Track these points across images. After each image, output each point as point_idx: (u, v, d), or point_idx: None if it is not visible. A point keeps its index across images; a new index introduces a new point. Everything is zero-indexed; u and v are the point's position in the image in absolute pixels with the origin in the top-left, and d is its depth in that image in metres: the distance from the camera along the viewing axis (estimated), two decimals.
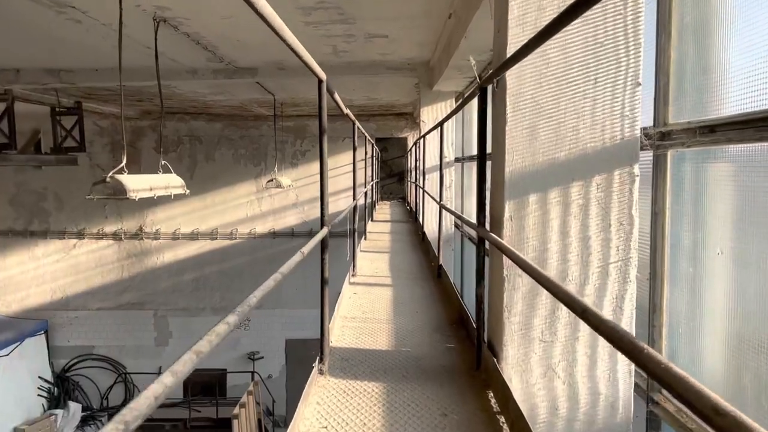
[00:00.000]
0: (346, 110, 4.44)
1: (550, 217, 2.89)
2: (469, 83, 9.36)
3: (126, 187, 5.79)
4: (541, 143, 2.88)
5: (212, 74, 10.06)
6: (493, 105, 3.16)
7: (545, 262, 2.90)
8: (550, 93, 2.86)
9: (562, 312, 2.89)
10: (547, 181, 2.89)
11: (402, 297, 4.91)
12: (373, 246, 7.70)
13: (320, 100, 2.99)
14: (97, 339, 16.16)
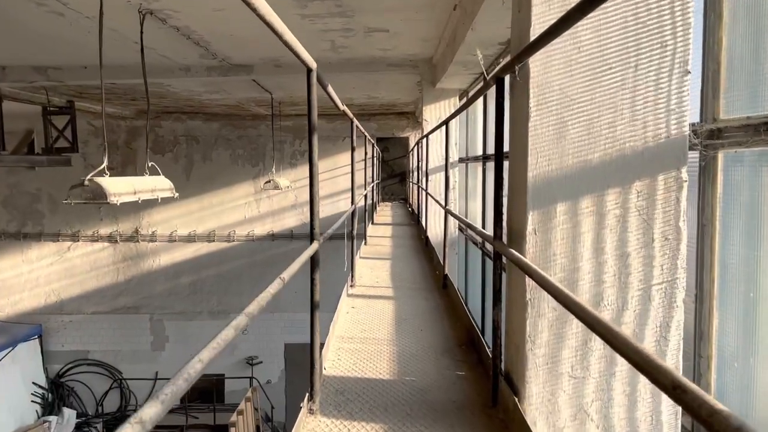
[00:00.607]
0: (343, 106, 3.98)
1: (581, 231, 2.42)
2: (474, 80, 8.89)
3: (106, 191, 5.32)
4: (571, 142, 2.41)
5: (206, 71, 9.59)
6: (512, 98, 2.69)
7: (576, 284, 2.43)
8: (582, 82, 2.39)
9: (596, 343, 2.42)
10: (577, 188, 2.42)
11: (405, 312, 4.44)
12: (373, 252, 7.23)
13: (309, 94, 2.52)
14: (92, 344, 15.71)
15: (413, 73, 9.72)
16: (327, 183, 15.76)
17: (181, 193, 15.51)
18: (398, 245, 7.79)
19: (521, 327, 2.51)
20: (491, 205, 8.26)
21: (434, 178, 9.42)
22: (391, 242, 8.10)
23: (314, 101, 2.53)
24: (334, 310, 4.89)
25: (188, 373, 1.08)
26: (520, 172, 2.53)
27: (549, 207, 2.42)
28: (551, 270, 2.43)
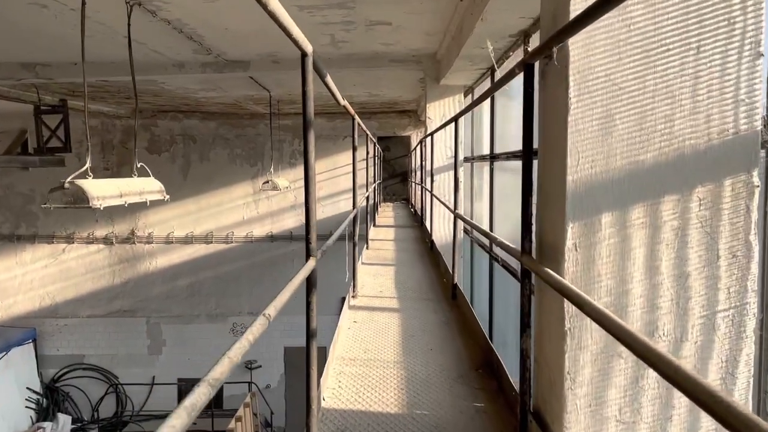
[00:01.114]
0: (343, 101, 3.56)
1: (631, 246, 2.00)
2: (481, 76, 8.46)
3: (88, 194, 4.91)
4: (619, 140, 1.99)
5: (201, 68, 9.16)
6: (545, 87, 2.27)
7: (624, 311, 2.01)
8: (633, 68, 1.97)
9: (650, 381, 2.01)
10: (627, 195, 2.00)
11: (412, 327, 4.02)
12: (376, 257, 6.81)
13: (304, 83, 2.10)
14: (88, 348, 15.30)
15: (416, 69, 9.30)
16: (327, 183, 15.35)
17: (178, 194, 15.19)
18: (402, 249, 7.37)
19: (558, 361, 2.09)
20: (501, 208, 7.87)
21: (439, 179, 9.00)
22: (395, 246, 7.68)
23: (310, 92, 2.11)
24: (335, 312, 4.49)
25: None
26: (556, 175, 2.11)
27: (593, 218, 2.00)
28: (595, 293, 2.01)
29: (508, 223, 7.51)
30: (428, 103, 9.43)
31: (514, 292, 6.89)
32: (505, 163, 7.47)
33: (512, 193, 7.05)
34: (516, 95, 7.39)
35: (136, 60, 9.01)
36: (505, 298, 7.63)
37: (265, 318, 1.43)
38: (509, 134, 7.55)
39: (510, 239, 6.53)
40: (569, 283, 1.89)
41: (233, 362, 1.22)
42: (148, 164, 15.12)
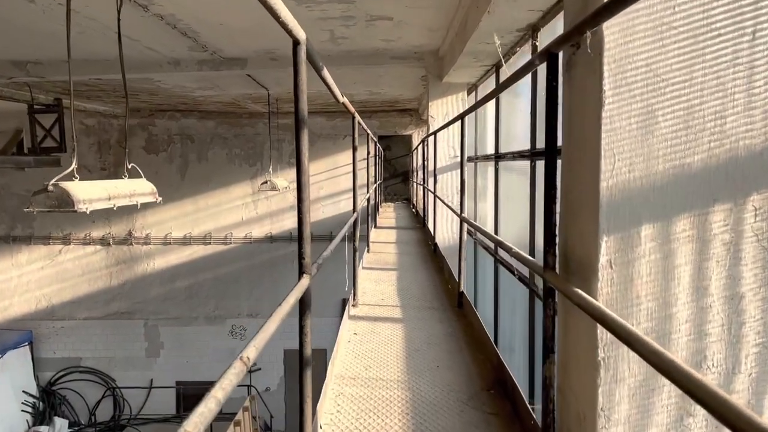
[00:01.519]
0: (342, 98, 3.28)
1: (675, 264, 1.72)
2: (485, 73, 8.17)
3: (73, 198, 4.62)
4: (662, 140, 1.71)
5: (197, 65, 8.88)
6: (570, 79, 1.99)
7: (668, 338, 1.73)
8: (678, 56, 1.69)
9: (697, 419, 1.72)
10: (671, 203, 1.72)
11: (417, 339, 3.74)
12: (377, 261, 6.53)
13: (296, 75, 1.82)
14: (85, 350, 15.02)
15: (418, 66, 9.01)
16: (327, 183, 15.08)
17: (176, 194, 14.91)
18: (404, 252, 7.09)
19: (589, 394, 1.81)
20: (507, 210, 7.58)
21: (442, 179, 8.72)
22: (396, 249, 7.40)
23: (303, 85, 1.83)
24: (336, 314, 4.21)
25: None
26: (587, 180, 1.83)
27: (630, 230, 1.72)
28: (633, 318, 1.73)
29: (513, 225, 7.23)
30: (430, 102, 9.14)
31: (520, 297, 6.61)
32: (510, 164, 7.18)
33: (518, 194, 6.77)
34: (522, 92, 7.10)
35: (130, 57, 8.74)
36: (511, 302, 7.35)
37: (242, 363, 1.15)
38: (515, 133, 7.27)
39: (516, 242, 6.21)
40: (603, 305, 1.61)
41: (204, 420, 0.95)
42: (145, 164, 14.87)
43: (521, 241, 6.73)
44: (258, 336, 1.28)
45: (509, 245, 2.60)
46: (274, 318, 1.53)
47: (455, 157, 8.96)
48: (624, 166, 1.71)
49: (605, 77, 1.70)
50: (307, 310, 1.86)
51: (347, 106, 3.56)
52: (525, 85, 6.69)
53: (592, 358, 1.77)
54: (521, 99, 7.22)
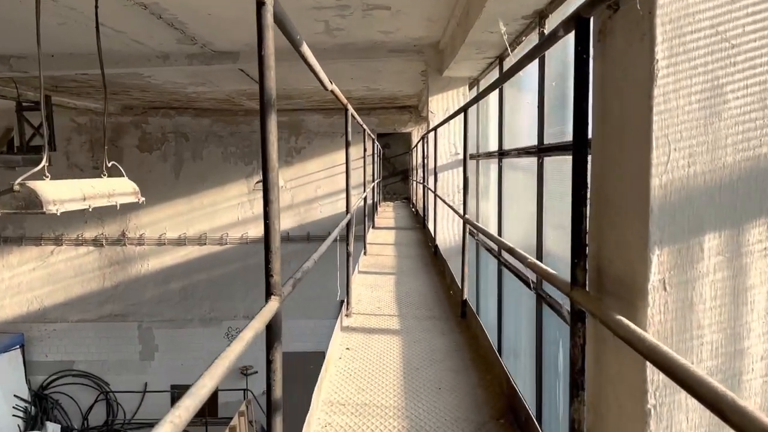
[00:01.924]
0: (331, 86, 2.89)
1: (748, 284, 1.33)
2: (487, 66, 7.77)
3: (42, 198, 4.23)
4: (732, 124, 1.31)
5: (186, 59, 8.48)
6: (606, 50, 1.59)
7: (737, 380, 1.34)
8: (752, 14, 1.29)
9: None
10: (743, 205, 1.32)
11: (416, 356, 3.35)
12: (374, 264, 6.14)
13: (260, 42, 1.42)
14: (77, 353, 14.64)
15: (418, 60, 8.62)
16: (325, 182, 14.67)
17: (171, 194, 14.50)
18: (403, 255, 6.70)
19: None
20: (512, 209, 7.18)
21: (443, 178, 8.32)
22: (395, 251, 7.00)
23: (269, 58, 1.43)
24: (333, 316, 3.84)
25: None
26: (631, 177, 1.43)
27: (690, 241, 1.32)
28: (693, 354, 1.34)
29: (519, 225, 6.84)
30: (430, 97, 8.74)
31: (526, 301, 6.23)
32: (514, 161, 6.79)
33: (524, 193, 6.38)
34: (526, 86, 6.71)
35: (116, 51, 8.35)
36: (516, 305, 6.97)
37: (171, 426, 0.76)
38: (519, 129, 6.88)
39: (523, 245, 5.84)
40: (654, 337, 1.22)
41: None
42: (138, 163, 14.52)
43: (528, 244, 6.33)
44: (225, 353, 0.88)
45: (524, 254, 2.20)
46: (230, 351, 1.13)
47: (456, 154, 8.57)
48: (682, 158, 1.32)
49: (658, 43, 1.31)
50: (277, 341, 1.47)
51: (337, 96, 3.16)
52: (530, 78, 6.30)
53: (639, 405, 1.38)
54: (525, 93, 6.84)
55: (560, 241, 5.07)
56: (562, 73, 5.00)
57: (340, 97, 3.22)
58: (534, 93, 5.79)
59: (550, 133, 5.21)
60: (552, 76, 5.14)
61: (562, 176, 5.00)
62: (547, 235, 5.26)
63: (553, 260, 5.09)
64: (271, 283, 1.47)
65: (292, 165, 14.77)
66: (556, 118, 5.11)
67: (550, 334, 5.14)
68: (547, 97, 5.22)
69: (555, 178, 5.07)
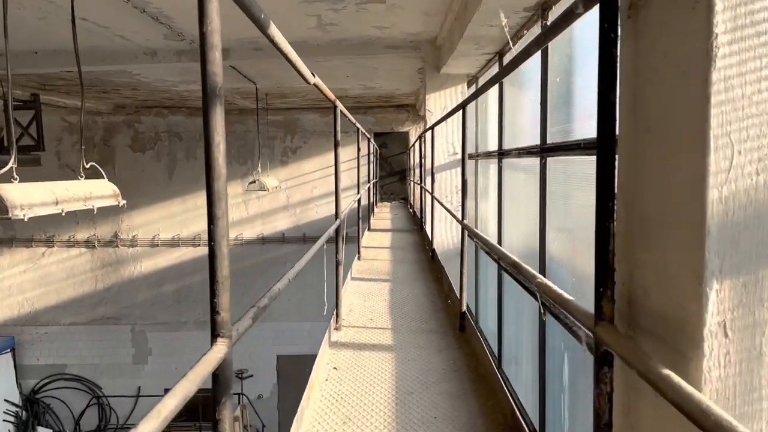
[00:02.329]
0: (315, 79, 2.58)
1: None
2: (486, 63, 7.45)
3: (8, 203, 3.92)
4: None
5: (175, 56, 8.16)
6: (639, 27, 1.27)
7: None
8: None
9: None
10: None
11: (410, 377, 3.03)
12: (368, 270, 5.81)
13: (202, 13, 1.10)
14: (70, 357, 14.31)
15: (414, 56, 8.29)
16: (321, 182, 14.34)
17: (164, 194, 14.16)
18: (399, 260, 6.38)
19: None
20: (512, 212, 6.84)
21: (440, 178, 8.00)
22: (391, 255, 6.68)
23: (212, 33, 1.12)
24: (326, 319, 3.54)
25: None
26: (677, 186, 1.11)
27: (760, 272, 1.00)
28: (762, 420, 1.01)
29: (519, 228, 6.53)
30: (428, 95, 8.42)
31: (528, 306, 5.92)
32: (515, 161, 6.47)
33: (525, 195, 6.06)
34: (527, 83, 6.39)
35: (102, 47, 8.02)
36: (516, 311, 6.65)
37: None
38: (520, 128, 6.56)
39: (523, 249, 5.51)
40: (712, 400, 0.90)
41: None
42: (131, 163, 14.12)
43: (529, 249, 6.02)
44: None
45: (532, 272, 1.88)
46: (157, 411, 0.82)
47: (454, 154, 8.25)
48: (749, 164, 1.00)
49: (718, 12, 0.99)
50: (226, 395, 1.15)
51: (322, 91, 2.84)
52: (531, 74, 5.98)
53: None
54: (525, 91, 6.52)
55: (564, 244, 4.76)
56: (567, 67, 4.69)
57: (325, 92, 2.90)
58: (536, 89, 5.48)
59: (553, 131, 4.89)
60: (556, 72, 4.82)
61: (566, 177, 4.69)
62: (550, 238, 4.94)
63: (557, 266, 4.78)
64: (218, 322, 1.15)
65: (287, 165, 14.44)
66: (560, 116, 4.79)
67: (554, 343, 4.83)
68: (551, 95, 4.90)
69: (558, 179, 4.76)
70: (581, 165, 4.31)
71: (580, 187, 4.25)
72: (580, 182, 4.24)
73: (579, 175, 4.31)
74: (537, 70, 5.36)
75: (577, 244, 4.30)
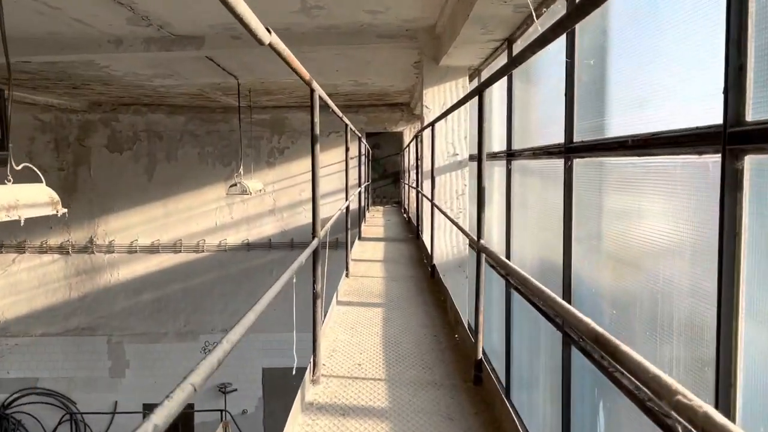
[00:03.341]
0: (271, 36, 1.64)
1: None
2: (493, 51, 6.54)
3: None
4: None
5: (143, 45, 7.20)
6: None
7: None
8: None
9: None
10: None
11: None
12: (357, 291, 4.88)
13: None
14: (42, 370, 13.30)
15: (410, 46, 7.38)
16: (310, 185, 13.36)
17: (143, 197, 13.14)
18: (394, 276, 5.44)
19: None
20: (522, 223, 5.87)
21: (440, 182, 7.09)
22: (384, 270, 5.74)
23: None
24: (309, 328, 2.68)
25: None
26: None
27: None
28: None
29: (530, 238, 5.62)
30: (425, 90, 7.50)
31: (546, 338, 5.01)
32: (526, 164, 5.56)
33: (541, 202, 5.15)
34: (538, 79, 5.49)
35: (60, 33, 6.99)
36: (530, 340, 5.74)
37: None
38: (529, 126, 5.66)
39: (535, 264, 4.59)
40: None
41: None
42: (108, 164, 12.99)
43: (542, 262, 5.11)
44: None
45: (622, 349, 0.96)
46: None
47: (455, 155, 7.34)
48: None
49: None
50: None
51: (286, 58, 1.91)
52: (547, 66, 5.09)
53: None
54: (536, 87, 5.62)
55: (590, 261, 3.86)
56: (602, 45, 3.79)
57: (291, 61, 1.96)
58: (553, 80, 4.59)
59: (582, 127, 4.00)
60: (586, 53, 3.93)
61: (600, 184, 3.78)
62: (576, 254, 4.05)
63: (588, 292, 3.87)
64: None
65: (274, 166, 13.48)
66: (591, 109, 3.89)
67: (583, 389, 3.92)
68: (578, 82, 4.01)
69: (590, 186, 3.85)
70: (621, 168, 3.42)
71: (626, 195, 3.34)
72: (626, 188, 3.34)
73: (621, 180, 3.41)
74: (553, 57, 4.47)
75: (619, 266, 3.39)
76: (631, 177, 3.31)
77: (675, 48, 2.81)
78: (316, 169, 2.85)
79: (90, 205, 13.25)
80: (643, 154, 2.98)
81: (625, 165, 3.35)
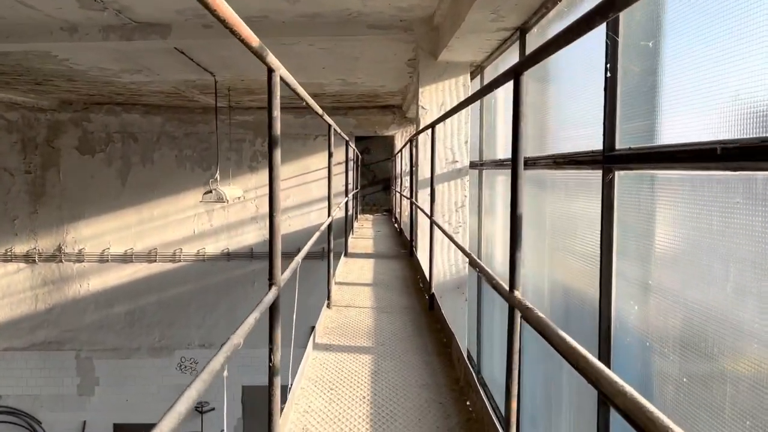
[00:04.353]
0: None
1: None
2: (500, 44, 5.64)
3: None
4: None
5: (101, 33, 6.24)
6: None
7: None
8: None
9: None
10: None
11: None
12: (340, 328, 3.95)
13: None
14: (5, 387, 12.26)
15: (405, 39, 6.48)
16: (295, 190, 12.46)
17: (115, 203, 12.03)
18: (385, 308, 4.51)
19: None
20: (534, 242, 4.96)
21: (438, 192, 6.18)
22: (373, 299, 4.81)
23: None
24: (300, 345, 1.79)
25: None
26: None
27: None
28: None
29: (533, 254, 4.73)
30: (421, 88, 6.59)
31: (553, 365, 4.15)
32: (541, 174, 4.66)
33: (566, 220, 4.26)
34: (554, 77, 4.62)
35: (2, 18, 6.09)
36: (533, 362, 4.86)
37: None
38: (549, 129, 4.77)
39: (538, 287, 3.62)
40: None
41: None
42: (78, 166, 11.83)
43: (569, 299, 4.20)
44: None
45: None
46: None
47: (453, 162, 6.45)
48: None
49: None
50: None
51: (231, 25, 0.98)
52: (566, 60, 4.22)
53: None
54: (551, 83, 4.74)
55: (635, 296, 2.98)
56: (653, 31, 2.91)
57: (237, 28, 1.04)
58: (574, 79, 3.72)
59: (625, 129, 3.12)
60: (634, 37, 3.05)
61: (649, 202, 2.89)
62: (619, 291, 3.17)
63: (638, 338, 2.98)
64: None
65: (256, 171, 12.51)
66: (639, 109, 3.01)
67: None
68: (622, 76, 3.13)
69: (637, 204, 2.97)
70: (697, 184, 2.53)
71: (698, 219, 2.44)
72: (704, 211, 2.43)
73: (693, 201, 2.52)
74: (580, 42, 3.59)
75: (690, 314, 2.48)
76: (710, 197, 2.41)
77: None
78: (275, 184, 1.93)
79: (59, 211, 12.22)
80: (741, 168, 2.08)
81: (701, 180, 2.46)
